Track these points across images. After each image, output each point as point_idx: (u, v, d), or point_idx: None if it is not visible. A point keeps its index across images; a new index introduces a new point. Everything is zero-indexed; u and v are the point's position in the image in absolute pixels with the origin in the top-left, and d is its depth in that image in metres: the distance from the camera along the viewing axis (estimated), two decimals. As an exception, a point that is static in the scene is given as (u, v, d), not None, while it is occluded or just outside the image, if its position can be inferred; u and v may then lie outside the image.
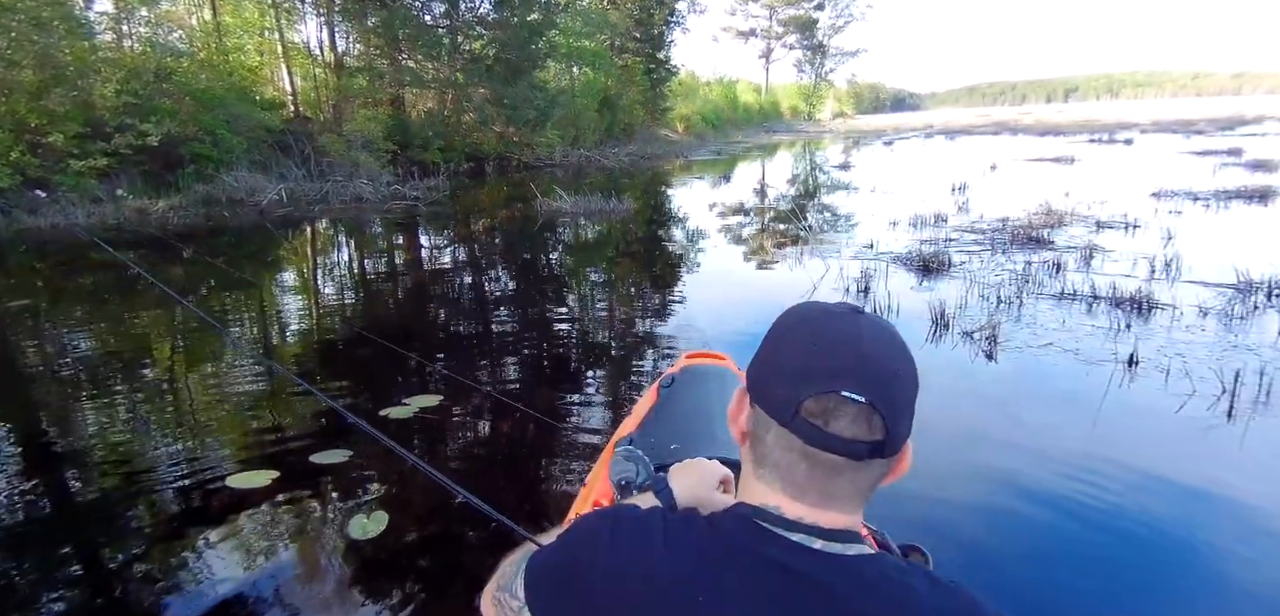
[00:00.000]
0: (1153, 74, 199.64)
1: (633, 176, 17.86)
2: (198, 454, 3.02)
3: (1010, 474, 2.73)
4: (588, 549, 0.69)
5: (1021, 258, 6.11)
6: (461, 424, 3.33)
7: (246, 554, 2.33)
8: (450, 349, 4.67)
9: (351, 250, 9.08)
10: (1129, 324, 4.17)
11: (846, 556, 0.62)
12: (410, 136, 16.53)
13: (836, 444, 0.60)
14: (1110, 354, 3.72)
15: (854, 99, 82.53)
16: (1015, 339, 4.02)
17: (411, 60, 17.73)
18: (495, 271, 7.34)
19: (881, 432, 0.60)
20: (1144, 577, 2.19)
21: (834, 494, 0.63)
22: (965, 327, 4.24)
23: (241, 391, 3.85)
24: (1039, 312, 4.52)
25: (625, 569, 0.66)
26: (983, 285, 5.23)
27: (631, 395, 3.55)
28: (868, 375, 0.60)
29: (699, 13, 32.05)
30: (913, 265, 6.05)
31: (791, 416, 0.61)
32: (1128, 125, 31.24)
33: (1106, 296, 4.70)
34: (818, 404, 0.60)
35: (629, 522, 0.69)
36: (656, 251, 7.91)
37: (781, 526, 0.63)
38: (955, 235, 7.30)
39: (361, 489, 2.70)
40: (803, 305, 0.69)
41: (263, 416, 3.46)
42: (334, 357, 4.47)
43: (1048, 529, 2.40)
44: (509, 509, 1.39)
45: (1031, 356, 3.78)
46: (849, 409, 0.59)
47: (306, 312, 5.81)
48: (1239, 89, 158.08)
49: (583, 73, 23.99)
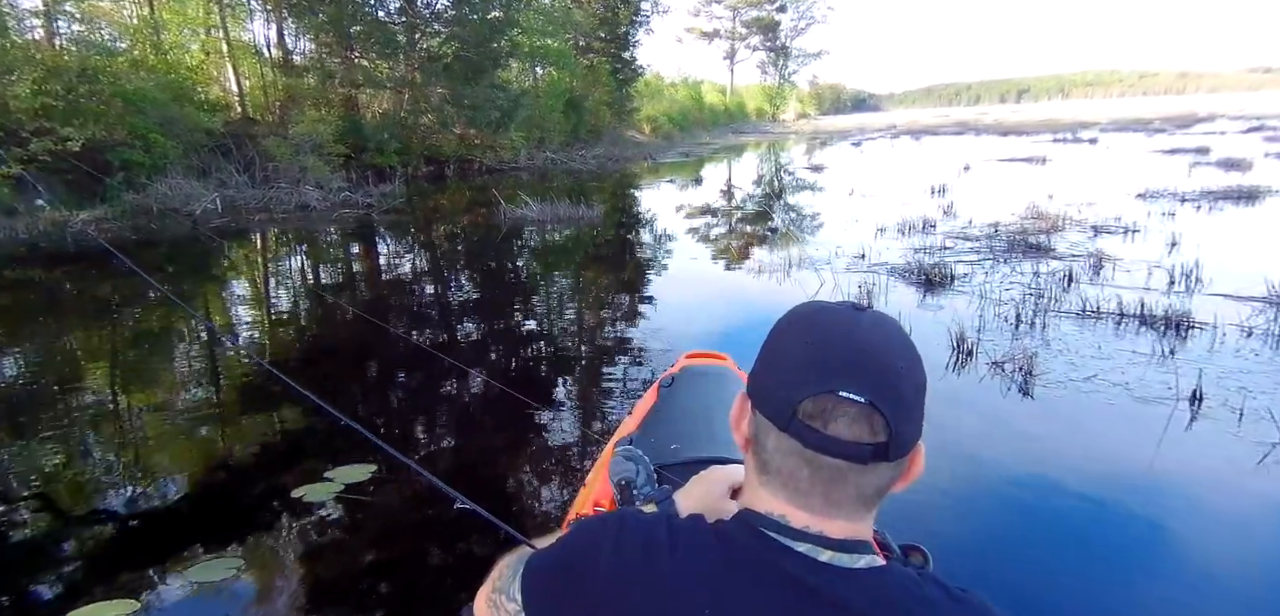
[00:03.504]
0: (1100, 74, 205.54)
1: (601, 179, 17.22)
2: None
3: (1069, 547, 2.22)
4: (589, 556, 0.65)
5: (1027, 268, 5.68)
6: (392, 507, 2.69)
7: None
8: (387, 402, 4.00)
9: (290, 263, 8.28)
10: (1171, 349, 3.70)
11: (856, 569, 0.60)
12: (364, 139, 15.63)
13: (836, 446, 0.58)
14: (1166, 389, 3.24)
15: (816, 100, 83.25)
16: (1052, 370, 3.51)
17: (365, 59, 16.81)
18: (456, 286, 6.65)
19: (884, 434, 0.57)
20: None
21: (839, 500, 0.60)
22: (993, 356, 3.73)
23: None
24: (1066, 335, 4.04)
25: (628, 578, 0.62)
26: (995, 302, 4.75)
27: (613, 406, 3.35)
28: (867, 373, 0.57)
29: (663, 13, 31.54)
30: (913, 278, 5.56)
31: (789, 420, 0.59)
32: (1087, 124, 31.70)
33: (1134, 314, 4.25)
34: (815, 405, 0.58)
35: (633, 529, 0.66)
36: (632, 262, 7.31)
37: (787, 535, 0.61)
38: (949, 243, 6.86)
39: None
40: (802, 305, 0.67)
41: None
42: (241, 399, 3.77)
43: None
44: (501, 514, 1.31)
45: (1074, 392, 3.28)
46: (848, 409, 0.57)
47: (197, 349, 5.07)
48: (1183, 88, 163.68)
49: (547, 73, 23.25)
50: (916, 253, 6.51)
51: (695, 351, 2.09)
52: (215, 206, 10.74)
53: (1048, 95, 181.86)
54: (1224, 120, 29.52)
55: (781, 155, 24.00)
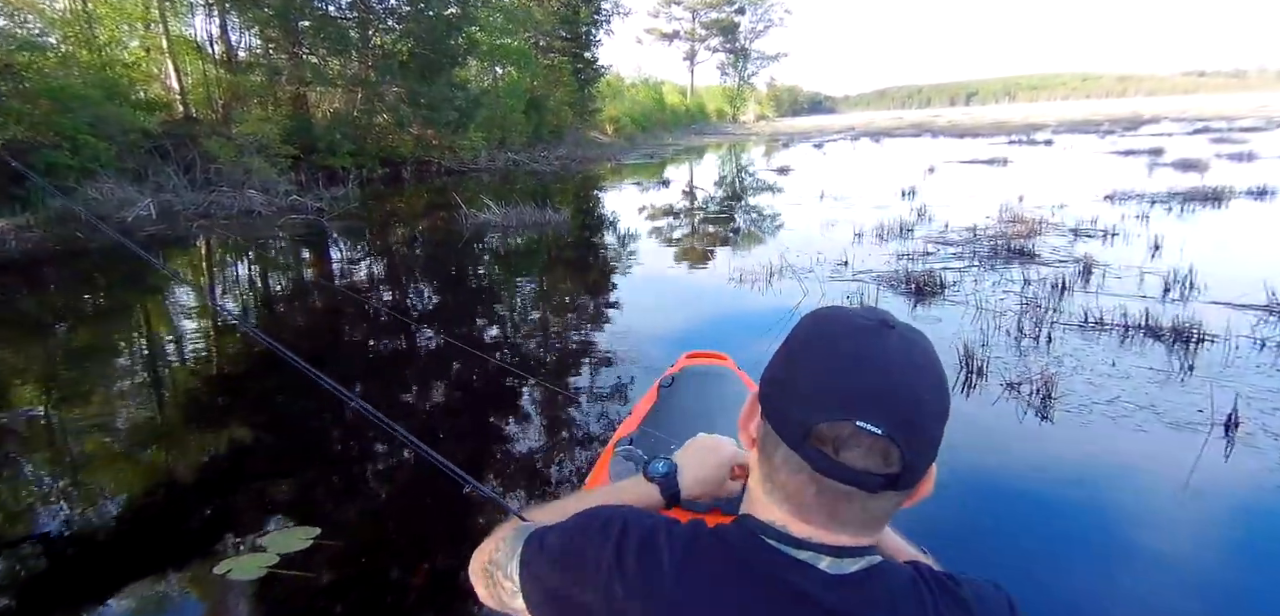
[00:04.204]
0: (1045, 78, 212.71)
1: (564, 181, 16.77)
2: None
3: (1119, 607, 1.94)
4: (591, 564, 0.65)
5: (1016, 274, 5.47)
6: (336, 590, 2.26)
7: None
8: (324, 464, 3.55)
9: (235, 272, 7.66)
10: (1189, 365, 3.49)
11: (853, 573, 0.59)
12: (315, 139, 14.91)
13: (847, 475, 0.56)
14: (1195, 411, 3.00)
15: (774, 101, 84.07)
16: (1072, 392, 3.25)
17: (314, 55, 16.04)
18: (416, 295, 6.17)
19: (898, 466, 0.56)
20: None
21: (843, 519, 0.59)
22: (1005, 375, 3.46)
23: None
24: (1075, 350, 3.80)
25: (628, 589, 0.62)
26: (992, 312, 4.51)
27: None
28: (888, 405, 0.55)
29: (624, 15, 31.22)
30: (901, 287, 5.30)
31: (801, 441, 0.58)
32: (1039, 126, 32.45)
33: (1139, 325, 4.04)
34: (830, 431, 0.56)
35: (635, 541, 0.65)
36: (604, 270, 6.92)
37: (788, 544, 0.60)
38: (930, 248, 6.65)
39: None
40: (827, 314, 0.63)
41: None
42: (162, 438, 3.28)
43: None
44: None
45: (1100, 418, 3.02)
46: (864, 440, 0.55)
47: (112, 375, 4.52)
48: (1124, 91, 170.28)
49: (507, 72, 22.67)
50: (900, 259, 6.29)
51: (695, 351, 2.07)
52: (149, 212, 9.96)
53: (995, 98, 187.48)
54: (1168, 122, 30.50)
55: (745, 157, 23.88)
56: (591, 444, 3.13)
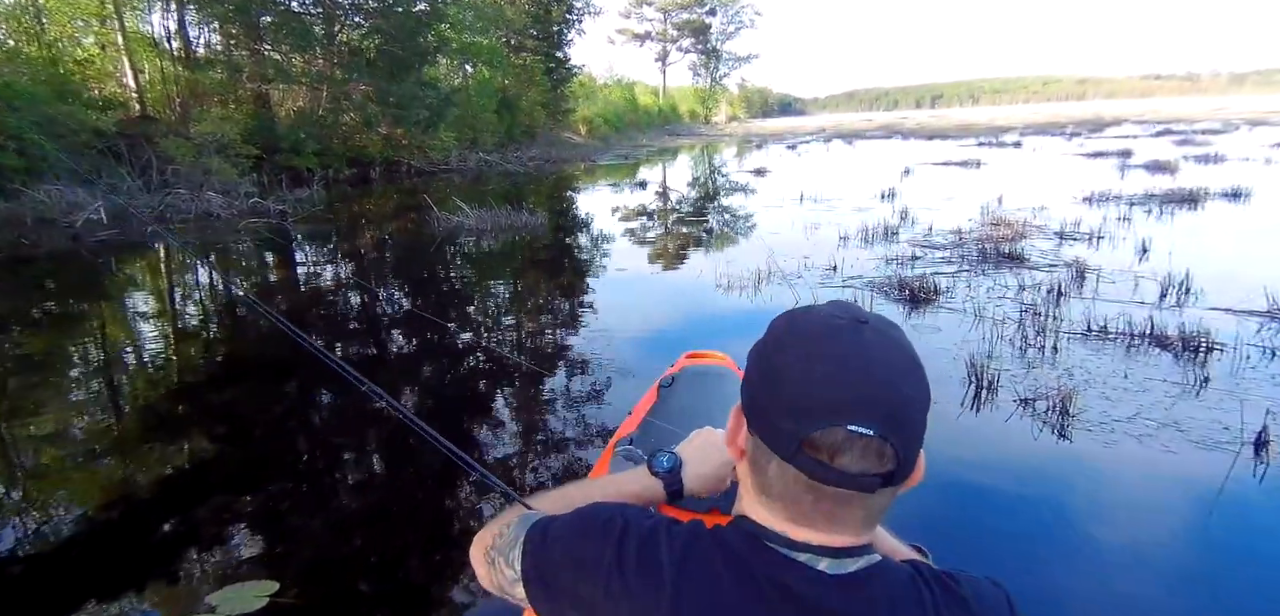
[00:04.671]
0: (1007, 81, 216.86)
1: (538, 182, 16.45)
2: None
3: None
4: (590, 565, 0.65)
5: (1009, 280, 5.35)
6: None
7: None
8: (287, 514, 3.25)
9: (193, 277, 7.22)
10: (1204, 377, 3.35)
11: (851, 573, 0.60)
12: (278, 139, 14.38)
13: (845, 480, 0.57)
14: (1220, 428, 2.85)
15: (745, 103, 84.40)
16: (1089, 408, 3.08)
17: (276, 52, 15.48)
18: (387, 301, 5.84)
19: (893, 463, 0.57)
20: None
21: (842, 520, 0.60)
22: (1016, 390, 3.29)
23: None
24: (1082, 361, 3.66)
25: (628, 588, 0.62)
26: (991, 320, 4.37)
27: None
28: (877, 406, 0.56)
29: (595, 14, 30.91)
30: (895, 293, 5.14)
31: (794, 452, 0.57)
32: (1005, 129, 32.89)
33: (1144, 334, 3.92)
34: (823, 439, 0.56)
35: (635, 544, 0.65)
36: (585, 276, 6.67)
37: (787, 546, 0.60)
38: (918, 252, 6.52)
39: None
40: (799, 316, 0.63)
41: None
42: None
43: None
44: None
45: (1123, 437, 2.85)
46: (857, 443, 0.56)
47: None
48: (1083, 94, 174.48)
49: (478, 71, 22.23)
50: (888, 263, 6.15)
51: (695, 352, 2.07)
52: (100, 215, 9.43)
53: (959, 100, 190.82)
54: (1130, 125, 31.19)
55: (720, 158, 23.77)
56: (586, 445, 3.10)
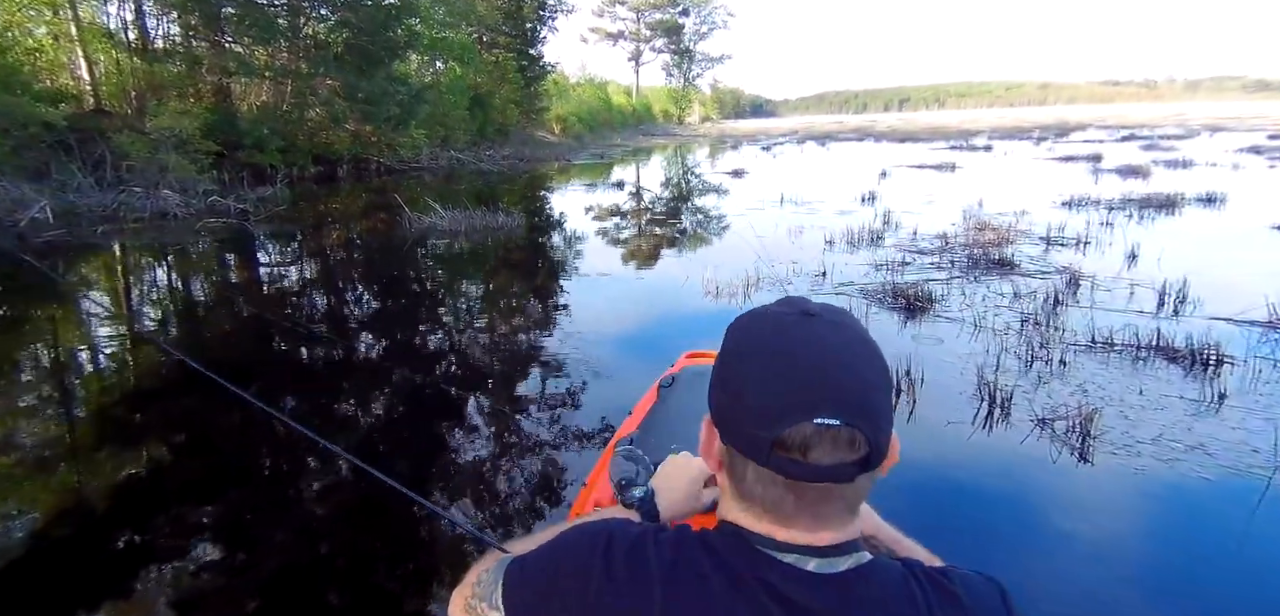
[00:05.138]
0: (971, 85, 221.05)
1: (511, 181, 16.11)
2: None
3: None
4: (577, 576, 0.63)
5: (1002, 288, 5.23)
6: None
7: None
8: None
9: (136, 283, 6.79)
10: (1219, 392, 3.22)
11: (841, 573, 0.59)
12: (239, 134, 13.80)
13: (821, 473, 0.57)
14: (1249, 451, 2.71)
15: (717, 103, 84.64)
16: (1110, 429, 2.92)
17: (238, 44, 14.90)
18: (356, 304, 5.51)
19: (865, 449, 0.57)
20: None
21: (826, 515, 0.59)
22: (1032, 409, 3.12)
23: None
24: (1092, 375, 3.51)
25: (616, 601, 0.61)
26: (991, 330, 4.23)
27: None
28: (839, 394, 0.56)
29: (567, 12, 30.57)
30: (888, 301, 4.98)
31: (767, 456, 0.57)
32: (974, 132, 33.30)
33: (1150, 345, 3.80)
34: (792, 436, 0.56)
35: (621, 552, 0.63)
36: (569, 281, 6.40)
37: (773, 548, 0.60)
38: (907, 258, 6.38)
39: None
40: (748, 319, 0.64)
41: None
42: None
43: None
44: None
45: (1150, 461, 2.69)
46: (826, 435, 0.56)
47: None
48: (1045, 99, 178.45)
49: (450, 67, 21.75)
50: (878, 269, 6.00)
51: (695, 351, 2.07)
52: (44, 214, 8.89)
53: (926, 104, 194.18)
54: (1094, 130, 31.83)
55: (697, 159, 23.63)
56: (587, 444, 3.07)
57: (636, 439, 1.47)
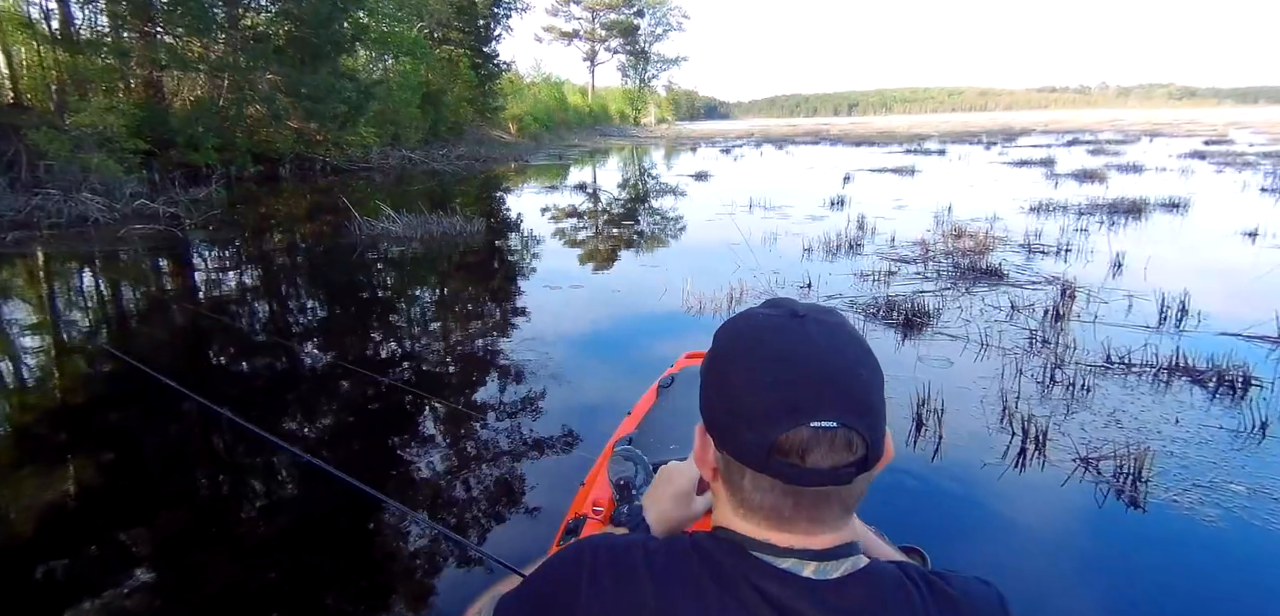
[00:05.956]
0: (916, 90, 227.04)
1: (467, 182, 15.50)
2: None
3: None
4: (566, 594, 0.61)
5: (1000, 300, 5.00)
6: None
7: None
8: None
9: (53, 293, 6.05)
10: (1261, 421, 2.98)
11: (839, 578, 0.57)
12: (172, 132, 12.87)
13: (820, 477, 0.55)
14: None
15: (673, 105, 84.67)
16: (1161, 470, 2.64)
17: (170, 35, 13.92)
18: (298, 311, 4.94)
19: (863, 449, 0.56)
20: None
21: (824, 518, 0.58)
22: (1070, 445, 2.83)
23: None
24: (1118, 401, 3.25)
25: (606, 610, 0.59)
26: (999, 349, 3.97)
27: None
28: (835, 396, 0.55)
29: (522, 11, 29.93)
30: (882, 316, 4.69)
31: (765, 461, 0.56)
32: (925, 136, 33.91)
33: (1171, 366, 3.58)
34: (789, 441, 0.55)
35: (608, 560, 0.62)
36: (540, 294, 5.95)
37: (770, 553, 0.58)
38: (890, 267, 6.13)
39: None
40: (737, 324, 0.62)
41: None
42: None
43: None
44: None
45: (1212, 508, 2.41)
46: (824, 438, 0.54)
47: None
48: (985, 105, 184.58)
49: (401, 62, 20.90)
50: (864, 279, 5.74)
51: (694, 352, 2.07)
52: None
53: (873, 108, 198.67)
54: (1038, 134, 32.76)
55: (657, 161, 23.32)
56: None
57: (635, 439, 1.47)
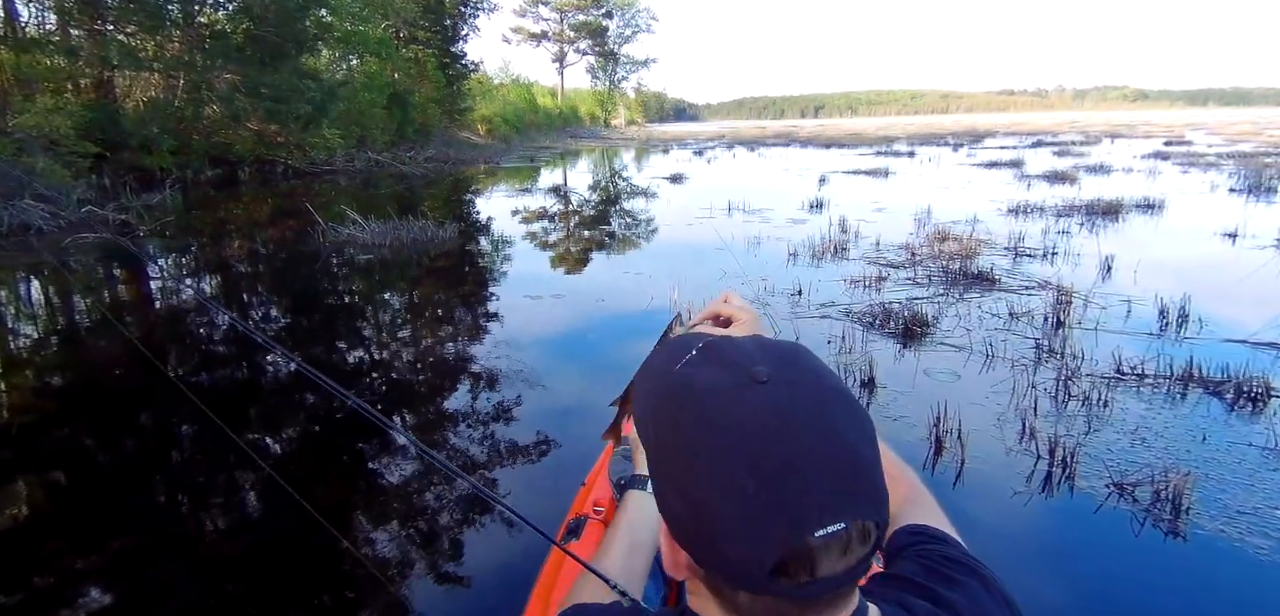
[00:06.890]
0: (881, 93, 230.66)
1: (435, 185, 15.09)
2: None
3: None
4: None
5: (997, 307, 4.87)
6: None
7: None
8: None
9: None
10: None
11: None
12: (124, 134, 12.26)
13: (833, 584, 0.47)
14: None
15: (642, 107, 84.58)
16: (1201, 497, 2.48)
17: (121, 33, 13.27)
18: (261, 318, 4.60)
19: (876, 535, 0.48)
20: None
21: (839, 608, 0.51)
22: (1100, 470, 2.66)
23: None
24: (1140, 418, 3.10)
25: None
26: (1004, 360, 3.82)
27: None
28: (834, 487, 0.46)
29: (490, 12, 29.50)
30: (880, 324, 4.52)
31: (764, 585, 0.46)
32: (892, 138, 34.16)
33: (1184, 376, 3.46)
34: (795, 561, 0.45)
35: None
36: (520, 305, 5.67)
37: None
38: (880, 272, 5.98)
39: None
40: (678, 397, 0.51)
41: None
42: None
43: None
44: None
45: (1257, 537, 2.27)
46: (834, 544, 0.45)
47: None
48: (946, 107, 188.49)
49: (366, 62, 20.33)
50: (853, 285, 5.59)
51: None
52: None
53: (839, 111, 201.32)
54: (1003, 136, 33.29)
55: (629, 163, 23.09)
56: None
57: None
